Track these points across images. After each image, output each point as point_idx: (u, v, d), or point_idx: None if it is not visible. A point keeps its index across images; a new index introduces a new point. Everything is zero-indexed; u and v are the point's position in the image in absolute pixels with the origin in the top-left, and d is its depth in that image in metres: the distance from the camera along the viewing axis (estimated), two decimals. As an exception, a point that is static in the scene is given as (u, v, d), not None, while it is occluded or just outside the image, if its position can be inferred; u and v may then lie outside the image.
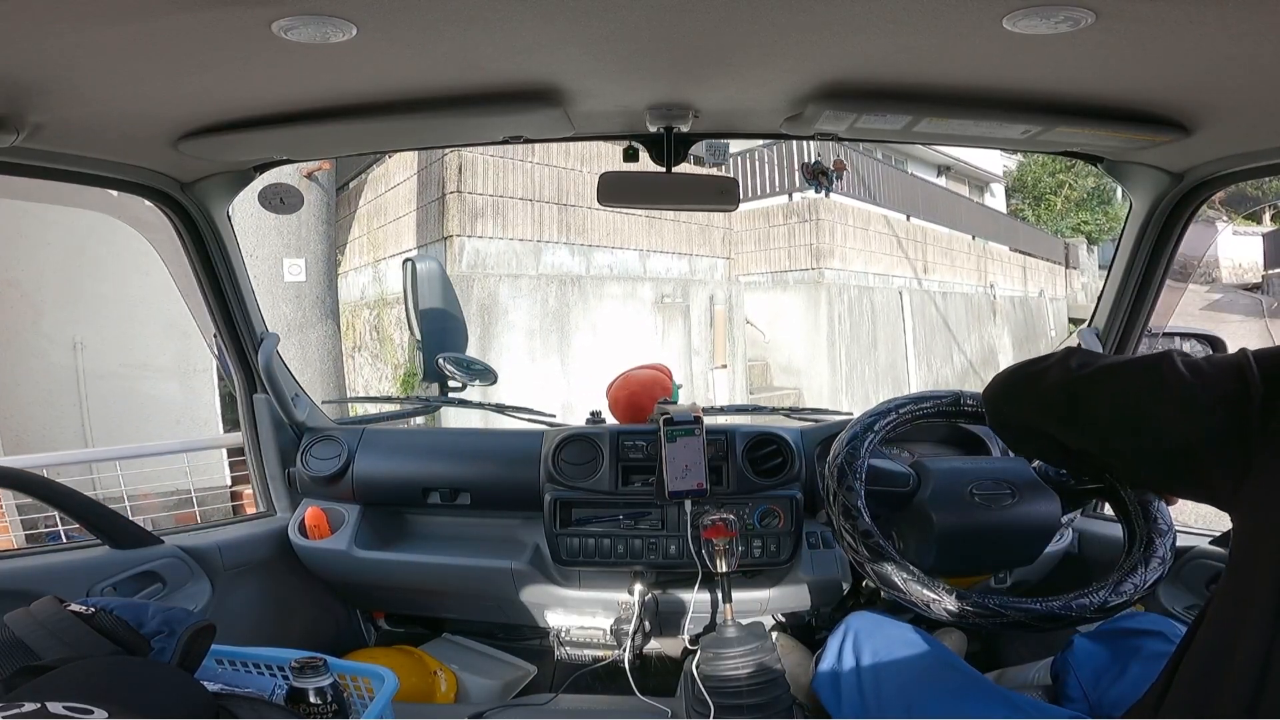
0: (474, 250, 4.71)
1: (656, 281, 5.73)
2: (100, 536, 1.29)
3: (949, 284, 9.59)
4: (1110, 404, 0.76)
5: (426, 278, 1.64)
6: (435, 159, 4.79)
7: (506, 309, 4.71)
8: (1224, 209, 13.73)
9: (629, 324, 5.38)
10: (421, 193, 5.03)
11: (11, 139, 0.94)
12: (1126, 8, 0.71)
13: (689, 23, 0.80)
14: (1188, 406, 0.67)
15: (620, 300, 5.40)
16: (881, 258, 8.24)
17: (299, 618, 1.56)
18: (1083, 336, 1.45)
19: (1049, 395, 0.82)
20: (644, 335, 5.46)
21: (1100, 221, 16.19)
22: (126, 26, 0.74)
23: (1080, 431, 0.79)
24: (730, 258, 6.58)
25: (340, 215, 6.32)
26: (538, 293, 4.94)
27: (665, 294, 5.65)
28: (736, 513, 1.32)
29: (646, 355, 1.90)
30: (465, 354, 1.69)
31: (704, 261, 6.29)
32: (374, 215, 5.90)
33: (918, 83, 0.95)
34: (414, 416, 1.85)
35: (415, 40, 0.82)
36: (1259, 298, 12.71)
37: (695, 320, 5.82)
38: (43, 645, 0.79)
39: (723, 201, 1.29)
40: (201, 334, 1.51)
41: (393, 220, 5.49)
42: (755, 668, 1.16)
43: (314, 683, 0.90)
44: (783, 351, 7.25)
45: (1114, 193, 15.90)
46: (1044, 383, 0.83)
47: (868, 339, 7.55)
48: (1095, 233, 16.39)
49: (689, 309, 5.78)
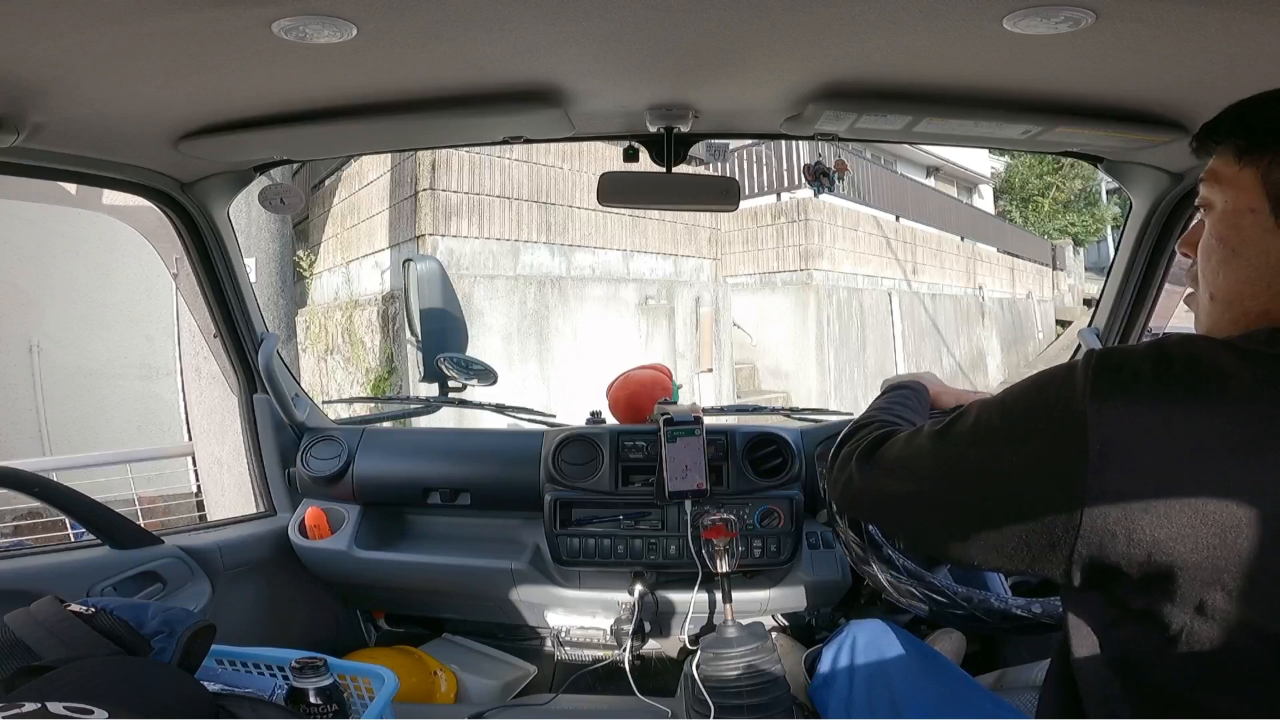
0: (448, 250, 4.51)
1: (640, 283, 5.53)
2: (100, 536, 1.29)
3: (938, 286, 9.51)
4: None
5: (426, 278, 1.64)
6: (409, 155, 4.54)
7: (482, 311, 4.52)
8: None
9: (611, 327, 5.19)
10: (394, 190, 4.83)
11: (12, 139, 0.94)
12: (1126, 8, 0.71)
13: (689, 23, 0.80)
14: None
15: (602, 302, 5.20)
16: (870, 259, 8.15)
17: (299, 618, 1.56)
18: (1083, 337, 1.45)
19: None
20: (627, 339, 5.28)
21: (1087, 223, 16.19)
22: (126, 26, 0.74)
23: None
24: (717, 258, 6.44)
25: (314, 214, 6.15)
26: (515, 294, 4.72)
27: (649, 296, 5.47)
28: (736, 513, 1.32)
29: (630, 359, 1.89)
30: (465, 354, 1.69)
31: (690, 262, 6.14)
32: (347, 214, 5.67)
33: (918, 83, 0.95)
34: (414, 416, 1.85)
35: (415, 40, 0.82)
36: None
37: (680, 323, 5.63)
38: (43, 645, 0.79)
39: (723, 202, 1.29)
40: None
41: (365, 219, 5.29)
42: (755, 668, 1.16)
43: (314, 683, 0.90)
44: (770, 354, 7.13)
45: (1100, 195, 15.90)
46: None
47: (857, 341, 7.45)
48: (1082, 234, 16.39)
49: (674, 311, 5.59)
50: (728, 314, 6.11)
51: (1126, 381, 0.54)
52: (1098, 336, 1.42)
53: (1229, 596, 0.51)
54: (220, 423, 2.67)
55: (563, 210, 5.16)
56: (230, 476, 2.67)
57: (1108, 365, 0.55)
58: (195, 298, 1.47)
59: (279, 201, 1.38)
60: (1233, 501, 0.51)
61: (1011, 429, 0.60)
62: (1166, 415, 0.53)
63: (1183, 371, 0.54)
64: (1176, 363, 0.54)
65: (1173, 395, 0.53)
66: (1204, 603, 0.52)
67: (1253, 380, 0.52)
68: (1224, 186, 0.60)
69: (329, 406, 1.84)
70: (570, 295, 5.04)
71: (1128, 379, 0.54)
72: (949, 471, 0.64)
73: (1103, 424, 0.53)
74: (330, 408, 2.48)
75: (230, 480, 2.67)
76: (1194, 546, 0.51)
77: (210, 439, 2.75)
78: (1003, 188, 16.13)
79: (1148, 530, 0.52)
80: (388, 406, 2.20)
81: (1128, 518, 0.52)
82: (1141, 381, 0.54)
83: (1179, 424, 0.52)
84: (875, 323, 7.77)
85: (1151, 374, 0.54)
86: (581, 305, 5.08)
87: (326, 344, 5.27)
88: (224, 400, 2.60)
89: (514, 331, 4.71)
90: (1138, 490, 0.52)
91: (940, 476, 0.65)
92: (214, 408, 2.69)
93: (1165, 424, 0.52)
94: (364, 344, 4.88)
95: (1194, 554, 0.51)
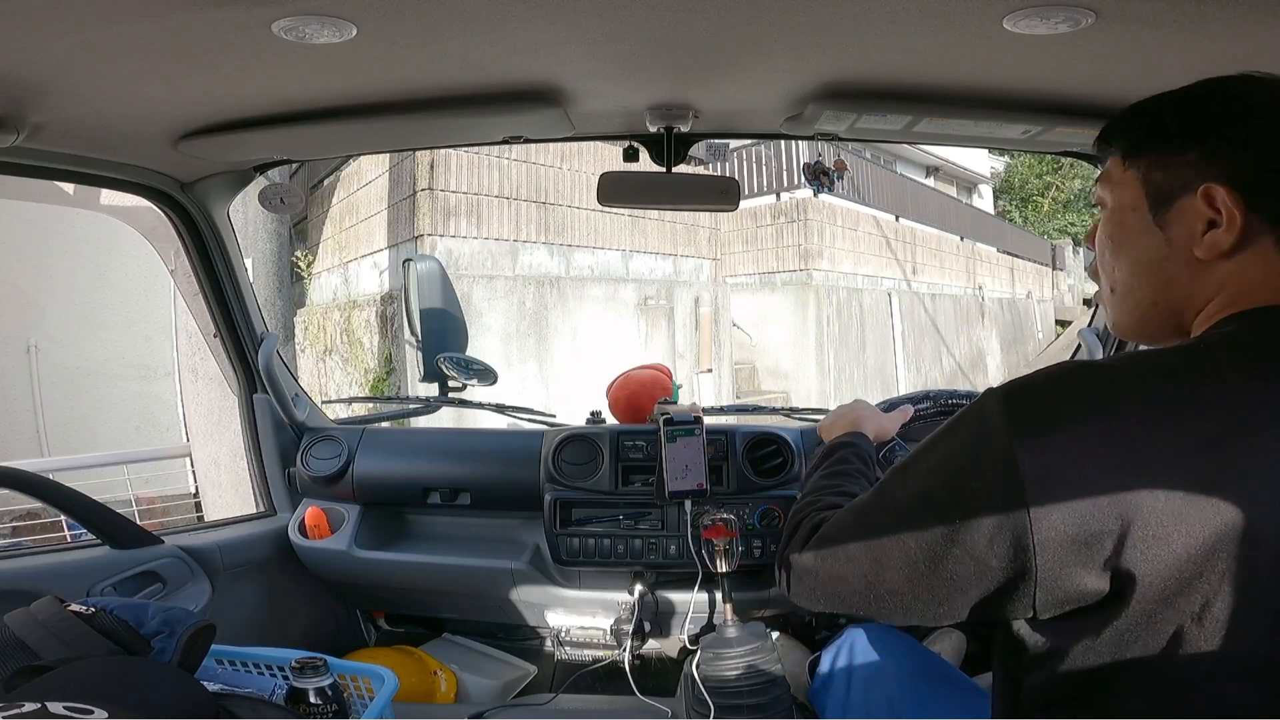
0: (446, 250, 4.46)
1: (640, 283, 5.49)
2: (100, 536, 1.29)
3: (938, 286, 9.49)
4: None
5: (426, 278, 1.64)
6: (407, 155, 4.51)
7: (481, 311, 4.50)
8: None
9: (610, 327, 5.15)
10: (393, 190, 4.79)
11: (12, 139, 0.94)
12: (1126, 8, 0.71)
13: (689, 23, 0.80)
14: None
15: (601, 303, 5.17)
16: (870, 259, 8.12)
17: (299, 618, 1.56)
18: (1083, 337, 1.45)
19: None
20: (626, 339, 5.24)
21: (1086, 223, 16.20)
22: (126, 26, 0.74)
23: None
24: (716, 258, 6.39)
25: (313, 214, 6.10)
26: (514, 295, 4.68)
27: (649, 296, 5.43)
28: (736, 513, 1.32)
29: (629, 360, 1.88)
30: (465, 354, 1.69)
31: (689, 262, 6.09)
32: (346, 214, 5.62)
33: (918, 83, 0.95)
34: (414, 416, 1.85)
35: (415, 40, 0.82)
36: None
37: (680, 323, 5.60)
38: (43, 645, 0.79)
39: (723, 202, 1.29)
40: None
41: (363, 220, 5.24)
42: (755, 668, 1.16)
43: (314, 683, 0.90)
44: (770, 355, 7.10)
45: None
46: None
47: (856, 342, 7.42)
48: (1081, 234, 16.40)
49: (673, 311, 5.56)
50: (727, 314, 6.07)
51: (1043, 412, 0.55)
52: (1098, 337, 1.42)
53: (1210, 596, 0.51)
54: (217, 423, 2.64)
55: (562, 210, 5.13)
56: (228, 477, 2.65)
57: (1016, 403, 0.56)
58: (195, 298, 1.47)
59: (279, 201, 1.38)
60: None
61: (939, 498, 0.59)
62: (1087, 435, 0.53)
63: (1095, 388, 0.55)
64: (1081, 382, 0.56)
65: (1091, 413, 0.54)
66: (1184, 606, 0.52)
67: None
68: (1113, 186, 0.64)
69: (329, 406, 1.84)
70: (569, 295, 5.00)
71: (1043, 410, 0.55)
72: (886, 553, 0.63)
73: (1030, 457, 0.54)
74: (330, 408, 2.47)
75: (228, 480, 2.65)
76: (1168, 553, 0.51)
77: (207, 440, 2.72)
78: (1002, 188, 16.14)
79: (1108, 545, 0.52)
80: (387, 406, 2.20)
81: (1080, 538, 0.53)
82: (1056, 409, 0.55)
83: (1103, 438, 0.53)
84: (875, 323, 7.75)
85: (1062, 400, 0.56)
86: (580, 306, 5.05)
87: (325, 344, 5.22)
88: (221, 401, 2.58)
89: (513, 332, 4.67)
90: (1078, 512, 0.53)
91: (879, 560, 0.64)
92: (211, 408, 2.67)
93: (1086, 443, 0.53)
94: (362, 344, 4.84)
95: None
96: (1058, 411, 0.55)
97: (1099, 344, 1.41)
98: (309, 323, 5.41)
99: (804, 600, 0.74)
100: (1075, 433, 0.54)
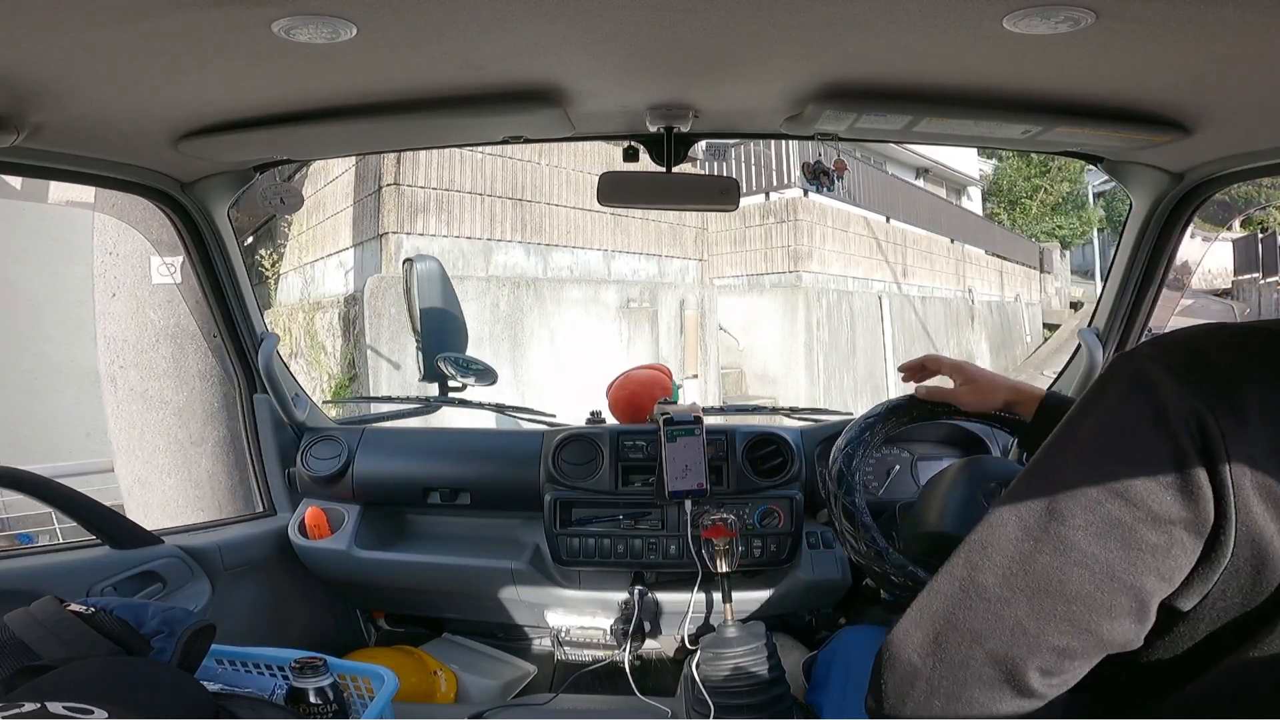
0: (413, 249, 4.17)
1: (622, 284, 5.18)
2: (100, 536, 1.28)
3: (928, 288, 9.37)
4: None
5: (426, 277, 1.64)
6: None
7: None
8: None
9: (591, 331, 4.87)
10: (358, 186, 4.50)
11: (12, 139, 0.94)
12: (1126, 8, 0.71)
13: (689, 23, 0.80)
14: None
15: (581, 305, 4.87)
16: (861, 261, 7.97)
17: (299, 617, 1.56)
18: (1083, 337, 1.45)
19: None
20: (607, 343, 4.95)
21: (1074, 226, 16.20)
22: (126, 26, 0.74)
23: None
24: (703, 259, 6.15)
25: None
26: (487, 296, 4.38)
27: (632, 298, 5.14)
28: (736, 513, 1.32)
29: (610, 365, 1.87)
30: (465, 354, 1.69)
31: (675, 263, 5.80)
32: (313, 211, 5.27)
33: (918, 83, 0.95)
34: (414, 416, 1.85)
35: (415, 40, 0.82)
36: (1229, 303, 12.65)
37: (664, 326, 5.32)
38: (43, 645, 0.79)
39: (723, 202, 1.29)
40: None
41: (329, 217, 4.94)
42: (755, 668, 1.16)
43: (314, 683, 0.91)
44: (758, 359, 6.89)
45: (1087, 197, 15.88)
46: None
47: (846, 345, 7.24)
48: (1069, 237, 16.40)
49: (657, 314, 5.27)
50: (714, 317, 5.87)
51: (1220, 367, 0.52)
52: (1098, 337, 1.42)
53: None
54: (139, 438, 2.38)
55: (539, 207, 4.87)
56: (155, 496, 2.39)
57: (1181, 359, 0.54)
58: (195, 298, 1.47)
59: (279, 201, 1.38)
60: None
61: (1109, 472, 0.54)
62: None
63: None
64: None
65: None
66: None
67: None
68: None
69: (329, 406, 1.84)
70: (547, 297, 4.74)
71: (1220, 366, 0.53)
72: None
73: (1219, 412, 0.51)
74: (330, 408, 2.41)
75: (155, 500, 2.38)
76: None
77: (130, 456, 2.43)
78: (991, 190, 16.12)
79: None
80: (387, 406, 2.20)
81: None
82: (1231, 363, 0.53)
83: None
84: (865, 326, 7.58)
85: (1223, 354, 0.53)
86: (559, 308, 4.79)
87: (290, 348, 4.92)
88: (143, 415, 2.35)
89: (485, 336, 4.37)
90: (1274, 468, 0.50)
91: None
92: (132, 423, 2.39)
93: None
94: (325, 348, 4.58)
95: None
96: (1235, 365, 0.52)
97: (1099, 344, 1.41)
98: (274, 325, 5.16)
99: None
100: (1260, 390, 0.51)
